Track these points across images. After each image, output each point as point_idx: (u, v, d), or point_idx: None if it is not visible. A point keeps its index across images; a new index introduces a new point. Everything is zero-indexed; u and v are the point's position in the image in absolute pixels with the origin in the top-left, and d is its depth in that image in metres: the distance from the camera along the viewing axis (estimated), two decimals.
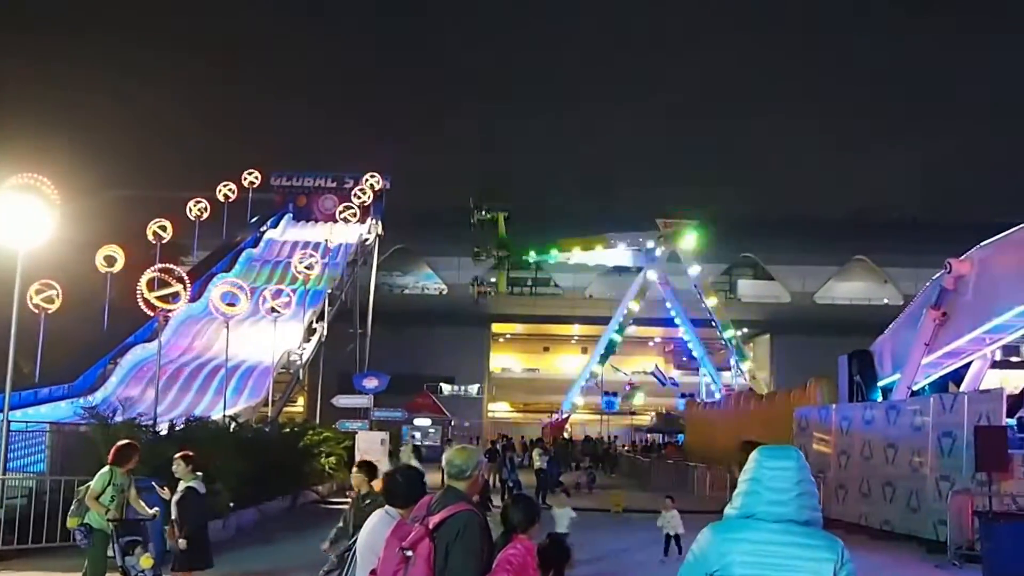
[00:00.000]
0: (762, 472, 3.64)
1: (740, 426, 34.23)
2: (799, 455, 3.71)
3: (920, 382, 23.27)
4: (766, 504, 3.59)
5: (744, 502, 3.64)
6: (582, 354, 76.68)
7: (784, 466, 3.64)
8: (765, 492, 3.60)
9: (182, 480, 10.57)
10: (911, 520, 20.21)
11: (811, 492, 3.63)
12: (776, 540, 3.54)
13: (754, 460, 3.70)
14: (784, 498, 3.58)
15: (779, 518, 3.56)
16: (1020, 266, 20.15)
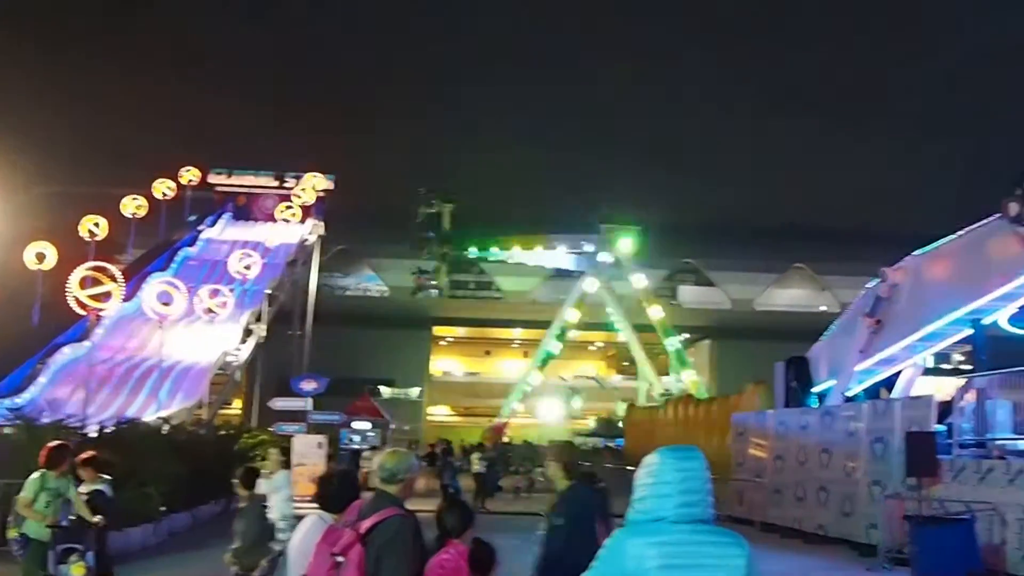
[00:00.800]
0: (672, 474, 3.58)
1: (679, 431, 34.48)
2: (703, 454, 3.69)
3: (854, 388, 23.58)
4: (677, 506, 3.53)
5: (653, 504, 3.57)
6: (524, 358, 76.71)
7: (695, 467, 3.61)
8: (676, 494, 3.54)
9: (86, 483, 10.34)
10: (844, 524, 20.44)
11: (712, 491, 3.64)
12: (689, 540, 3.50)
13: (659, 461, 3.64)
14: (695, 499, 3.55)
15: (690, 518, 3.53)
16: (951, 275, 20.53)
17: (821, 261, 75.58)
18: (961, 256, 20.25)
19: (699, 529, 3.53)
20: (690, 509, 3.54)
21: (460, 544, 5.55)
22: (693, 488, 3.56)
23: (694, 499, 3.55)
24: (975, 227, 19.52)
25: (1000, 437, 17.12)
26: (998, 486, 15.81)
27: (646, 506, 3.59)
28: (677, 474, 3.58)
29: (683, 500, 3.54)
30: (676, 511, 3.53)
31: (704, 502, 3.57)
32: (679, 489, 3.55)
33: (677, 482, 3.56)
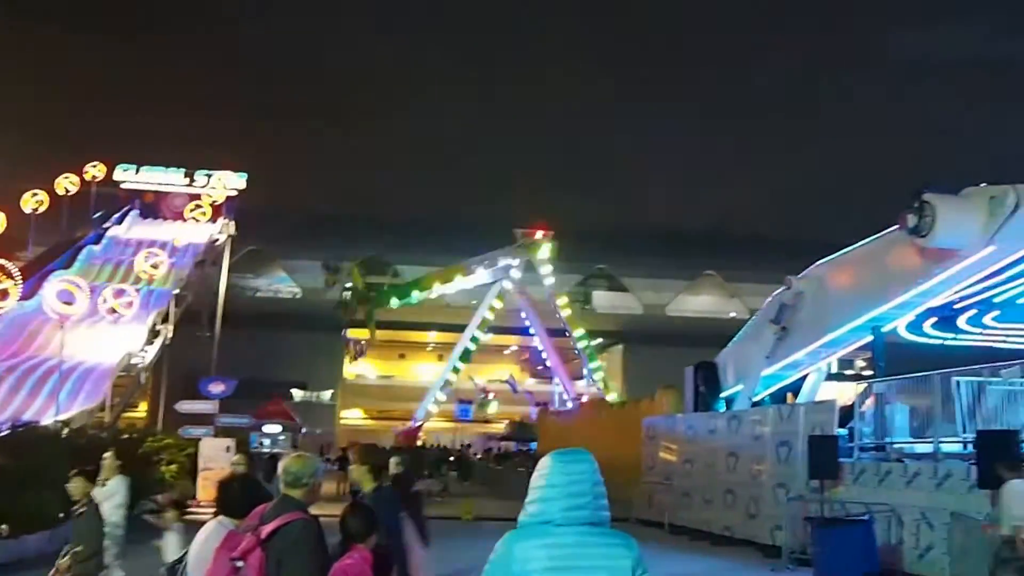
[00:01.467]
0: (559, 477, 3.62)
1: (591, 434, 34.68)
2: (592, 457, 3.71)
3: (761, 393, 24.04)
4: (564, 508, 3.57)
5: (541, 508, 3.62)
6: (438, 361, 76.51)
7: (581, 470, 3.64)
8: (563, 497, 3.58)
9: None
10: (750, 526, 20.85)
11: (603, 493, 3.66)
12: (576, 542, 3.54)
13: (548, 465, 3.69)
14: (582, 501, 3.59)
15: (578, 521, 3.57)
16: (853, 284, 21.08)
17: (731, 268, 76.86)
18: (862, 265, 20.80)
19: (586, 531, 3.57)
20: (577, 512, 3.57)
21: (364, 549, 5.51)
22: (580, 491, 3.60)
23: (581, 502, 3.58)
24: (876, 237, 20.07)
25: (898, 441, 17.63)
26: (896, 488, 16.28)
27: (535, 508, 3.64)
28: (564, 477, 3.61)
29: (570, 503, 3.58)
30: (563, 513, 3.57)
31: (591, 504, 3.60)
32: (566, 492, 3.59)
33: (564, 485, 3.60)
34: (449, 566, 17.92)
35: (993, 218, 16.83)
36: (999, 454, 13.17)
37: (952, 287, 19.41)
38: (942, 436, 15.97)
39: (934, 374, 16.32)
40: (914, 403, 17.85)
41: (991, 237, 16.99)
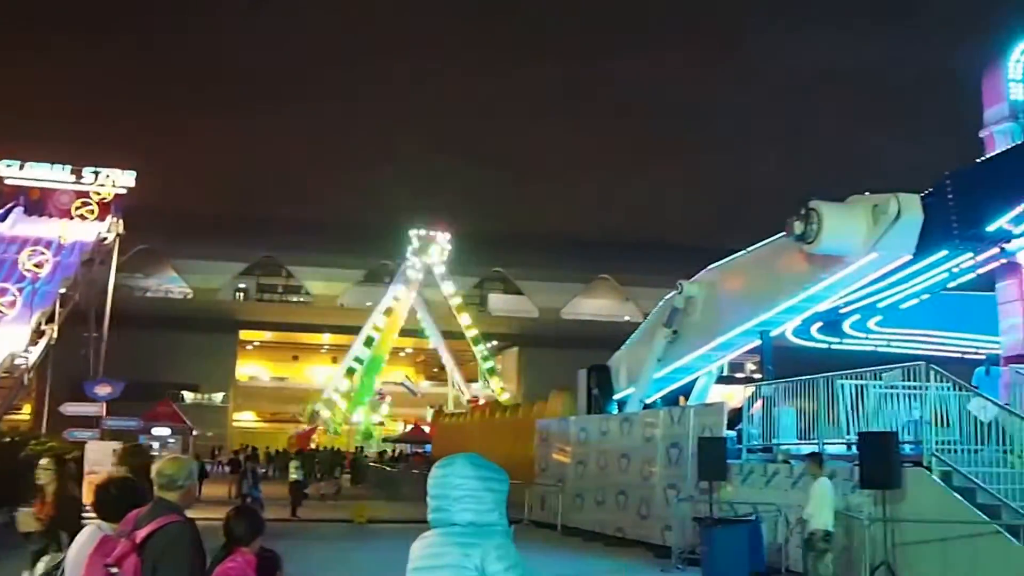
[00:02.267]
0: (431, 482, 3.84)
1: (486, 436, 34.80)
2: (466, 463, 3.85)
3: (653, 396, 24.37)
4: (432, 511, 3.81)
5: (429, 510, 3.84)
6: (332, 363, 75.86)
7: (444, 473, 3.82)
8: (432, 500, 3.81)
9: None
10: (641, 526, 21.12)
11: (479, 498, 3.79)
12: (430, 543, 3.78)
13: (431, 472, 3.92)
14: (444, 503, 3.78)
15: (441, 523, 3.78)
16: (742, 288, 21.55)
17: (625, 272, 77.84)
18: (751, 270, 21.28)
19: (450, 531, 3.76)
20: (439, 514, 3.79)
21: (248, 553, 5.42)
22: (442, 494, 3.79)
23: (444, 504, 3.78)
24: (764, 243, 20.55)
25: (785, 442, 18.04)
26: (782, 488, 16.70)
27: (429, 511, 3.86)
28: (433, 481, 3.84)
29: (435, 505, 3.81)
30: (432, 515, 3.82)
31: (453, 505, 3.76)
32: (434, 495, 3.81)
33: (433, 488, 3.82)
34: (340, 569, 17.84)
35: (876, 226, 17.39)
36: (880, 454, 13.65)
37: (837, 292, 20.01)
38: (827, 438, 16.40)
39: (819, 377, 16.75)
40: (801, 405, 18.29)
41: (874, 244, 17.54)
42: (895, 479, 13.57)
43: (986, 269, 20.51)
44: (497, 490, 3.84)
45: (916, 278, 20.66)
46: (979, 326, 23.46)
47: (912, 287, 21.40)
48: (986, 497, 12.96)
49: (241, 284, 79.15)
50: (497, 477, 3.87)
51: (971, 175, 18.83)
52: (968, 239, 18.44)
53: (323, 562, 18.04)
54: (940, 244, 18.54)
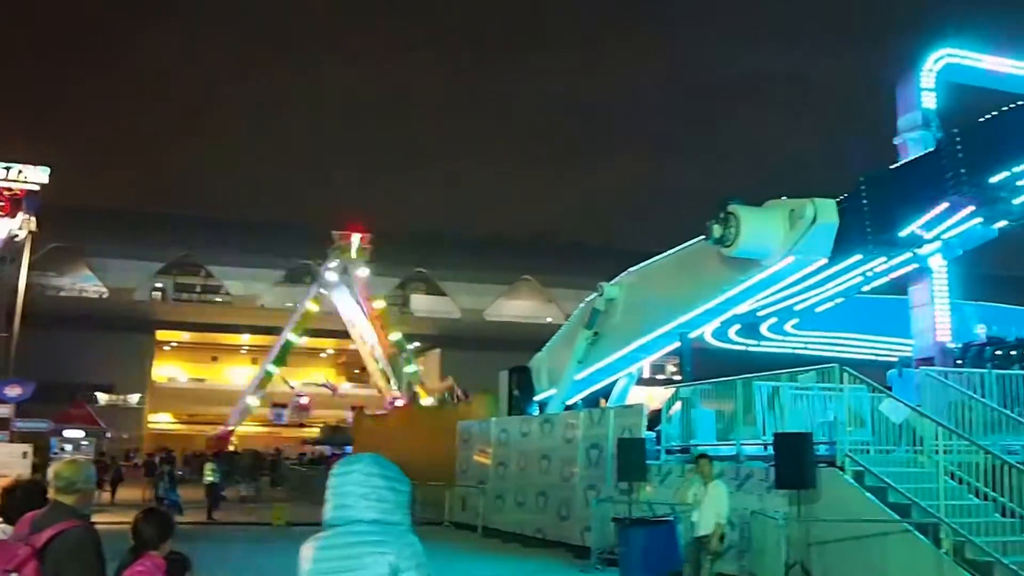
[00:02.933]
0: (333, 481, 3.82)
1: (407, 438, 34.59)
2: (365, 462, 3.88)
3: (574, 397, 24.47)
4: (334, 508, 3.77)
5: (325, 510, 3.81)
6: (252, 364, 74.92)
7: (346, 471, 3.82)
8: (335, 498, 3.78)
9: None
10: (561, 527, 21.16)
11: (382, 497, 3.80)
12: (336, 543, 3.72)
13: (332, 471, 3.90)
14: (347, 501, 3.76)
15: (345, 520, 3.74)
16: (662, 291, 21.75)
17: (549, 274, 78.13)
18: (671, 273, 21.50)
19: (356, 530, 3.73)
20: (342, 511, 3.76)
21: (157, 556, 5.29)
22: (346, 492, 3.77)
23: (348, 501, 3.76)
24: (684, 246, 20.77)
25: (703, 443, 18.21)
26: None
27: (324, 511, 3.82)
28: (335, 479, 3.82)
29: (337, 502, 3.78)
30: (332, 513, 3.78)
31: (360, 504, 3.75)
32: (336, 493, 3.79)
33: (336, 487, 3.80)
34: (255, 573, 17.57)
35: (793, 230, 17.69)
36: (794, 455, 13.85)
37: (755, 295, 20.30)
38: (744, 439, 16.61)
39: (736, 379, 16.94)
40: (719, 407, 18.50)
41: (791, 248, 17.84)
42: (809, 479, 13.76)
43: (899, 273, 21.02)
44: (400, 491, 3.84)
45: (831, 282, 21.09)
46: (892, 329, 24.03)
47: (827, 290, 21.84)
48: (897, 496, 13.21)
49: (158, 283, 77.79)
50: (400, 479, 3.88)
51: (884, 182, 19.25)
52: (881, 244, 18.87)
53: (239, 566, 17.76)
54: (855, 248, 18.95)
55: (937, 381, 15.60)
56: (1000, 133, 18.05)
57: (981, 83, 21.48)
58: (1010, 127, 18.01)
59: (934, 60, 20.99)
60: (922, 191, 18.50)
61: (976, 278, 23.55)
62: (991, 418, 14.79)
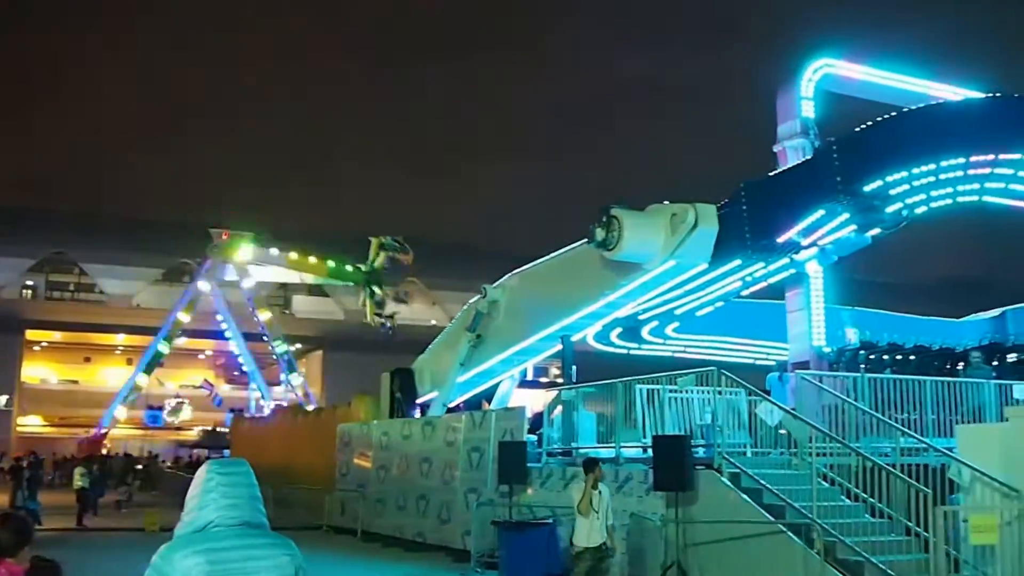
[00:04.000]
0: (216, 481, 3.67)
1: (287, 441, 34.00)
2: (248, 465, 3.81)
3: (456, 399, 24.32)
4: (220, 508, 3.61)
5: (199, 514, 3.63)
6: (127, 366, 72.72)
7: (236, 471, 3.73)
8: (221, 499, 3.63)
9: None
10: (442, 531, 20.97)
11: (260, 498, 3.76)
12: (236, 544, 3.57)
13: (207, 473, 3.72)
14: (239, 502, 3.65)
15: (236, 522, 3.62)
16: (545, 293, 21.76)
17: (433, 276, 77.80)
18: (553, 276, 21.52)
19: (247, 532, 3.63)
20: (235, 512, 3.63)
21: (14, 564, 4.97)
22: (237, 493, 3.66)
23: (239, 502, 3.65)
24: (567, 250, 20.80)
25: (584, 446, 18.24)
26: None
27: (192, 517, 3.64)
28: (222, 477, 3.68)
29: (227, 503, 3.63)
30: (220, 513, 3.61)
31: (249, 506, 3.67)
32: (222, 494, 3.64)
33: (221, 487, 3.66)
34: None
35: (674, 234, 17.85)
36: (672, 457, 13.92)
37: (636, 299, 20.46)
38: (624, 441, 16.66)
39: (617, 382, 16.99)
40: (601, 410, 18.55)
41: (672, 252, 17.99)
42: (687, 481, 13.85)
43: (777, 278, 21.42)
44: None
45: (711, 286, 21.39)
46: (770, 333, 24.51)
47: (708, 295, 22.16)
48: (771, 498, 13.39)
49: (29, 281, 74.91)
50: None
51: (763, 188, 19.59)
52: (760, 249, 19.19)
53: (111, 572, 17.09)
54: (734, 253, 19.23)
55: (812, 384, 15.91)
56: (874, 143, 18.55)
57: (858, 94, 22.09)
58: (884, 137, 18.52)
59: (813, 70, 21.47)
60: (799, 198, 18.89)
61: (850, 284, 24.19)
62: (864, 421, 15.11)
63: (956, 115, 19.71)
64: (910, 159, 18.29)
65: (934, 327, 27.23)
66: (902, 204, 18.72)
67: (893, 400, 15.78)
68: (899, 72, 22.09)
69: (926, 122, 18.93)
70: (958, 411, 16.03)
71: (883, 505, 13.03)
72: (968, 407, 16.22)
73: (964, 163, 18.71)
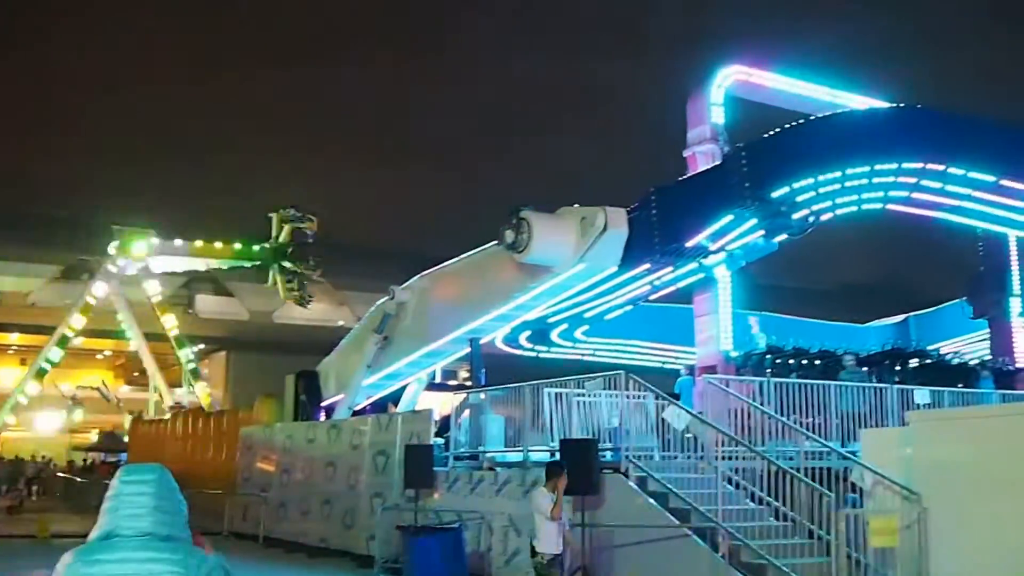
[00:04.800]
0: (119, 490, 3.60)
1: (187, 445, 33.22)
2: (160, 472, 3.71)
3: (362, 402, 23.97)
4: (125, 519, 3.55)
5: (103, 522, 3.58)
6: (21, 366, 70.44)
7: (140, 479, 3.64)
8: (123, 508, 3.56)
9: None
10: (346, 536, 20.61)
11: (171, 509, 3.65)
12: (135, 556, 3.49)
13: (114, 480, 3.66)
14: (141, 512, 3.56)
15: (138, 533, 3.54)
16: (454, 295, 21.59)
17: (340, 276, 76.90)
18: (463, 278, 21.36)
19: (150, 544, 3.54)
20: (138, 523, 3.55)
21: None
22: (140, 503, 3.58)
23: (141, 512, 3.57)
24: (477, 251, 20.63)
25: (491, 450, 18.08)
26: (487, 495, 16.68)
27: (100, 524, 3.60)
28: (124, 486, 3.61)
29: (128, 513, 3.56)
30: (119, 523, 3.55)
31: (152, 516, 3.57)
32: (124, 503, 3.58)
33: (124, 496, 3.59)
34: None
35: (584, 237, 17.82)
36: (580, 461, 13.82)
37: (545, 301, 20.38)
38: (533, 445, 16.53)
39: (525, 385, 16.88)
40: (509, 413, 18.41)
41: (582, 255, 17.95)
42: (594, 485, 13.79)
43: (686, 283, 21.55)
44: (183, 505, 3.72)
45: (621, 289, 21.43)
46: (679, 337, 24.67)
47: (617, 298, 22.20)
48: (677, 501, 13.41)
49: None
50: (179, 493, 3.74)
51: (673, 193, 19.68)
52: (669, 253, 19.25)
53: None
54: (643, 257, 19.27)
55: (718, 389, 15.99)
56: (782, 150, 18.80)
57: (767, 101, 22.36)
58: (791, 144, 18.78)
59: (723, 76, 21.64)
60: (708, 203, 19.01)
61: (758, 289, 24.45)
62: (769, 425, 15.23)
63: (861, 124, 20.08)
64: (816, 166, 18.56)
65: (839, 332, 27.72)
66: (808, 210, 18.98)
67: (798, 404, 15.95)
68: (808, 80, 22.42)
69: (832, 130, 19.26)
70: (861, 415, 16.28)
71: (787, 508, 13.15)
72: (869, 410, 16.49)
73: (869, 171, 19.08)
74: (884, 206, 20.56)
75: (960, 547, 11.62)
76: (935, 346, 25.72)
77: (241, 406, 37.11)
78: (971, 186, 20.58)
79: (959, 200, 21.03)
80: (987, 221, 22.56)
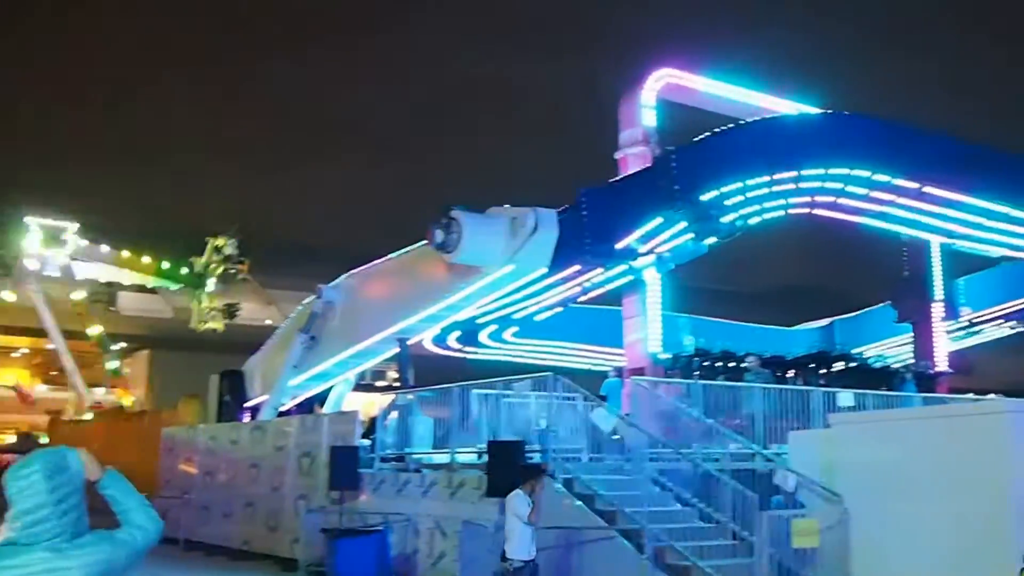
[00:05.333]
0: (11, 492, 3.39)
1: (109, 445, 32.45)
2: (43, 465, 3.44)
3: (288, 403, 23.62)
4: (22, 528, 3.34)
5: (8, 526, 3.39)
6: None
7: (26, 474, 3.40)
8: (17, 511, 3.36)
9: None
10: (269, 539, 20.27)
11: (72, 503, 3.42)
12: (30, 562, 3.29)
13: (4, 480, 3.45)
14: (40, 516, 3.36)
15: (41, 539, 3.33)
16: (382, 295, 21.35)
17: (268, 275, 75.94)
18: (391, 277, 21.15)
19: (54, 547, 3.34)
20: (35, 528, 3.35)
21: None
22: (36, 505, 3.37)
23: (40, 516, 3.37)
24: (406, 251, 20.44)
25: (418, 452, 17.92)
26: (413, 497, 16.53)
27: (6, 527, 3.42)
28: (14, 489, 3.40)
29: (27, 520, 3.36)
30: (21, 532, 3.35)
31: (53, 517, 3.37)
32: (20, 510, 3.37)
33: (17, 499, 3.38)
34: None
35: (514, 238, 17.72)
36: (507, 463, 13.74)
37: (475, 302, 20.25)
38: (461, 446, 16.41)
39: (453, 387, 16.77)
40: (437, 415, 18.26)
41: (512, 256, 17.86)
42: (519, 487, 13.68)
43: (616, 285, 21.61)
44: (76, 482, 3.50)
45: (551, 291, 21.41)
46: (608, 339, 24.75)
47: (547, 299, 22.18)
48: (604, 503, 13.40)
49: None
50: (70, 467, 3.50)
51: (603, 195, 19.71)
52: (599, 255, 19.28)
53: None
54: (574, 259, 19.26)
55: (646, 390, 16.03)
56: (712, 154, 18.95)
57: (699, 104, 22.54)
58: (720, 148, 18.94)
59: (655, 79, 21.75)
60: (638, 205, 19.09)
61: (687, 291, 24.63)
62: (697, 427, 15.30)
63: (790, 129, 20.35)
64: (745, 170, 18.74)
65: (767, 335, 28.05)
66: (737, 214, 19.15)
67: (725, 406, 16.05)
68: (739, 85, 22.65)
69: (761, 135, 19.47)
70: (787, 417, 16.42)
71: (711, 510, 13.21)
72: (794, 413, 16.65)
73: (796, 176, 19.30)
74: (811, 211, 20.83)
75: (881, 548, 11.76)
76: (859, 349, 26.16)
77: (164, 406, 36.46)
78: (896, 192, 20.95)
79: (884, 206, 21.40)
80: (911, 227, 22.99)
